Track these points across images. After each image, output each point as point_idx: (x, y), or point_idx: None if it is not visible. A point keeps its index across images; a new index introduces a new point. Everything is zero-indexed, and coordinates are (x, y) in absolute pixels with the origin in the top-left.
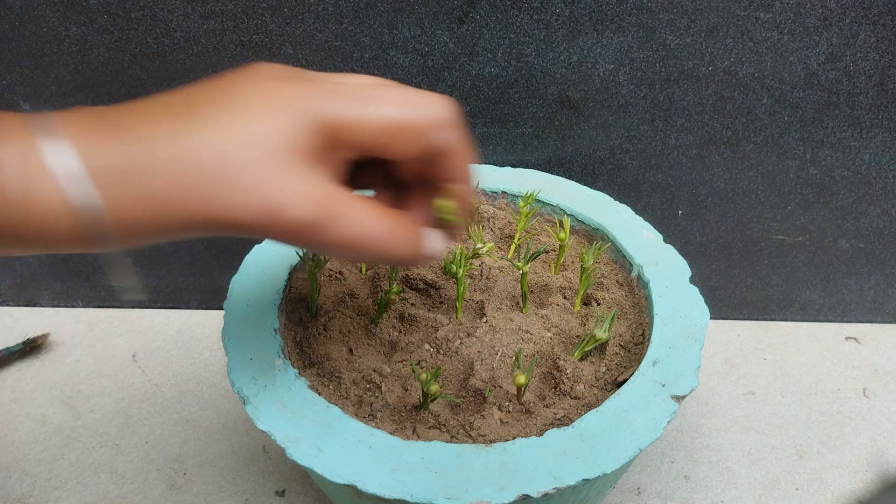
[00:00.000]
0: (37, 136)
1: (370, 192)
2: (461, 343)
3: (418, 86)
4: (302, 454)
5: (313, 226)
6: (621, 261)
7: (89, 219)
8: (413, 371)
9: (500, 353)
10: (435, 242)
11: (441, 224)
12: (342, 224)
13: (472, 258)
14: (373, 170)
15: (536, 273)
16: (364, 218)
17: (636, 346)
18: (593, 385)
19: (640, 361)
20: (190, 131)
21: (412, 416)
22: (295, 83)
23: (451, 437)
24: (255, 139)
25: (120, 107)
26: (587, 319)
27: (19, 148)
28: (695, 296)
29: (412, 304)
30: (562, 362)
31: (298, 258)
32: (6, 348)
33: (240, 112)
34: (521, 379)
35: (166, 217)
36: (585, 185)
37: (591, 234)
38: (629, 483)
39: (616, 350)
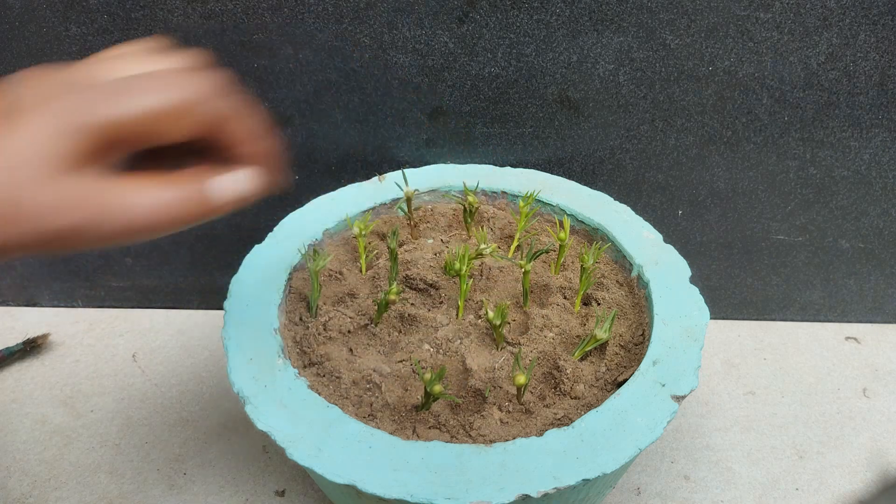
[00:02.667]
0: None
1: None
2: (461, 343)
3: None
4: (302, 454)
5: (82, 226)
6: (621, 261)
7: None
8: (416, 371)
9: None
10: (227, 185)
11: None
12: (116, 215)
13: (474, 259)
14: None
15: (536, 273)
16: (138, 199)
17: (636, 346)
18: (593, 385)
19: (640, 361)
20: None
21: (412, 416)
22: (62, 98)
23: (451, 437)
24: (15, 163)
25: None
26: (587, 319)
27: None
28: (695, 296)
29: (412, 304)
30: (562, 362)
31: (300, 256)
32: (6, 348)
33: (8, 135)
34: (521, 379)
35: None
36: (585, 185)
37: (591, 234)
38: (629, 483)
39: (616, 350)
